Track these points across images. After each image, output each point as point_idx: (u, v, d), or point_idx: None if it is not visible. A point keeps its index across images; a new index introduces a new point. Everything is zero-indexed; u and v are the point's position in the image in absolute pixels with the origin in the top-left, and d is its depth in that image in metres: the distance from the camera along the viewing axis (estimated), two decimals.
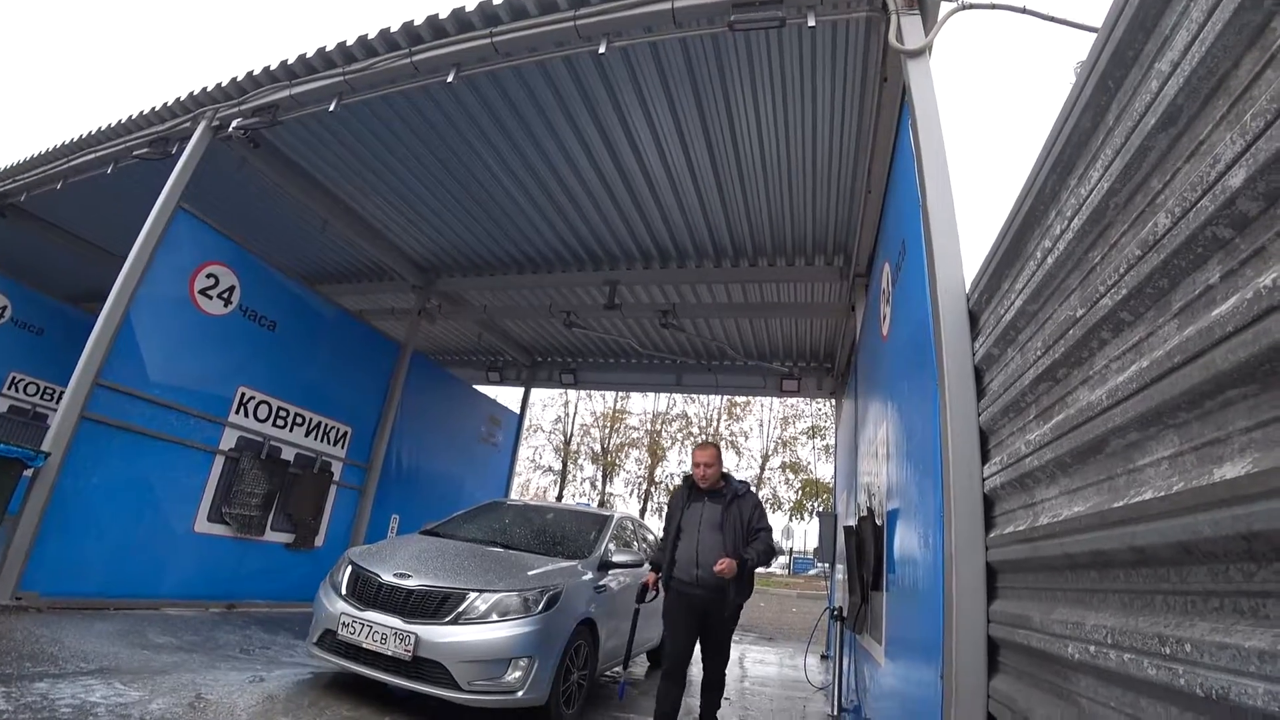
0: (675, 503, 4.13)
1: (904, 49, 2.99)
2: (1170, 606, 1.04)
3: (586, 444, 28.13)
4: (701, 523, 3.86)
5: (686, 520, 3.93)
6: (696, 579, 3.73)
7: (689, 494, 4.05)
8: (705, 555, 3.74)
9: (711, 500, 3.92)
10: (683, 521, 3.94)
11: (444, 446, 9.64)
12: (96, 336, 4.79)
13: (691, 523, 3.91)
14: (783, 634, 11.43)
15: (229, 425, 6.02)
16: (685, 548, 3.84)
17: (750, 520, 3.86)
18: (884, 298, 3.84)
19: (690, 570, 3.76)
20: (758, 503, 4.00)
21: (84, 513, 4.75)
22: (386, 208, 6.80)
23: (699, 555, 3.76)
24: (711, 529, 3.82)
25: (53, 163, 6.86)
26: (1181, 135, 1.09)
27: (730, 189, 5.62)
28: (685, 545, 3.84)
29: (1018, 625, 1.59)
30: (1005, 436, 1.87)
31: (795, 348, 9.17)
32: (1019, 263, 1.82)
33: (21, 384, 9.17)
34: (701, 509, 3.91)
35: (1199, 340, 0.95)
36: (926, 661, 2.05)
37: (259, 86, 5.27)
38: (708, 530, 3.83)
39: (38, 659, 3.28)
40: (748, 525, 3.84)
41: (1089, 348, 1.38)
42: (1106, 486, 1.28)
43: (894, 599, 2.96)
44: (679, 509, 4.03)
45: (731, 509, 3.85)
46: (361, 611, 3.61)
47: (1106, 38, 1.33)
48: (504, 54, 4.22)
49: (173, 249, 5.32)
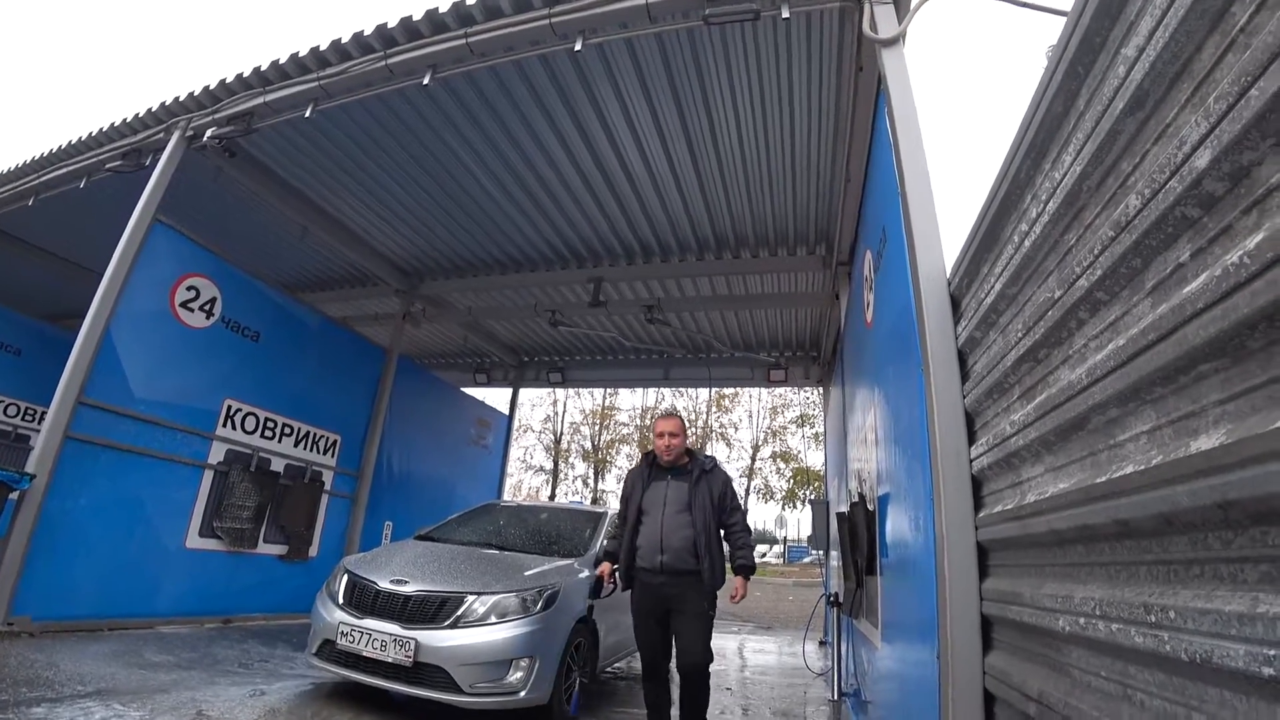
0: (633, 482, 3.68)
1: (878, 38, 3.02)
2: (1154, 576, 1.07)
3: (577, 442, 28.14)
4: (666, 502, 3.48)
5: (648, 501, 3.54)
6: (661, 565, 3.37)
7: (649, 472, 3.64)
8: (671, 539, 3.38)
9: (675, 478, 3.55)
10: (644, 503, 3.55)
11: (434, 451, 9.61)
12: (77, 354, 4.73)
13: (654, 503, 3.51)
14: (780, 622, 11.52)
15: (216, 439, 5.97)
16: (648, 532, 3.46)
17: (722, 498, 3.50)
18: (867, 285, 3.88)
19: (654, 557, 3.40)
20: (728, 479, 3.62)
21: (73, 534, 4.69)
22: (366, 212, 6.75)
23: (664, 539, 3.39)
24: (678, 509, 3.45)
25: (23, 179, 6.73)
26: (1149, 119, 1.12)
27: (710, 182, 5.63)
28: (648, 529, 3.47)
29: (1009, 602, 1.63)
30: (990, 418, 1.90)
31: (781, 338, 9.23)
32: (997, 247, 1.85)
33: (1, 405, 9.02)
34: (665, 488, 3.53)
35: (1172, 317, 0.98)
36: (922, 642, 2.08)
37: (232, 94, 5.21)
38: (673, 511, 3.45)
39: (34, 684, 3.25)
40: (718, 504, 3.48)
41: (1068, 328, 1.41)
42: (1089, 462, 1.32)
43: (888, 582, 3.01)
44: (638, 489, 3.61)
45: (700, 486, 3.48)
46: (360, 619, 3.61)
47: (1075, 24, 1.36)
48: (480, 54, 4.21)
49: (151, 262, 5.25)
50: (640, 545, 3.47)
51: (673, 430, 3.60)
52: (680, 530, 3.39)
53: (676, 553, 3.35)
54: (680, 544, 3.35)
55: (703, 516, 3.40)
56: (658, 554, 3.38)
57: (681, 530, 3.39)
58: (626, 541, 3.52)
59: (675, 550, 3.35)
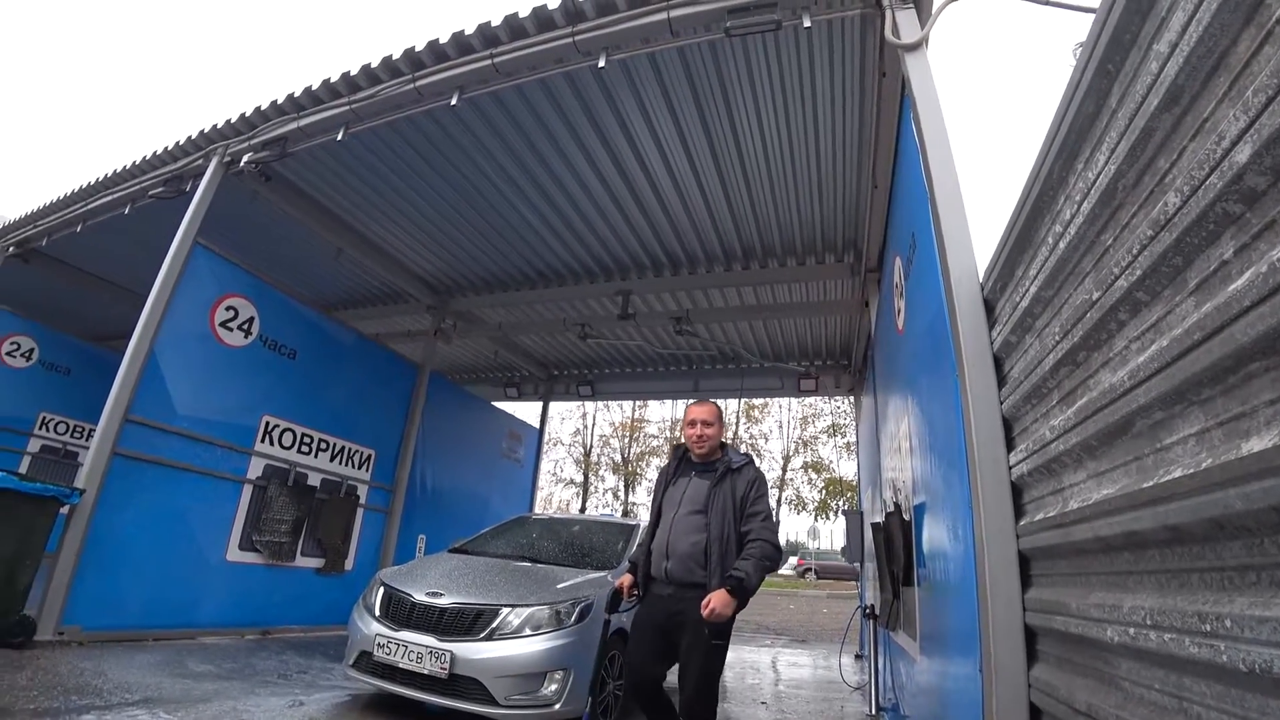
0: (660, 481, 3.23)
1: (900, 43, 3.00)
2: (1207, 583, 1.03)
3: (607, 454, 28.17)
4: (681, 502, 2.98)
5: (668, 500, 3.07)
6: (666, 573, 2.87)
7: (677, 467, 3.18)
8: (678, 543, 2.88)
9: (700, 475, 3.06)
10: (664, 502, 3.08)
11: (466, 464, 9.70)
12: (124, 373, 4.90)
13: (671, 503, 3.04)
14: (815, 635, 11.33)
15: (255, 454, 6.11)
16: (660, 535, 2.99)
17: (745, 498, 2.91)
18: (897, 291, 3.83)
19: (659, 564, 2.91)
20: (757, 477, 3.01)
21: (120, 547, 4.84)
22: (398, 231, 6.90)
23: (670, 544, 2.90)
24: (691, 510, 2.94)
25: (71, 206, 7.04)
26: (1185, 114, 1.10)
27: (736, 192, 5.64)
28: (660, 532, 2.99)
29: (1054, 612, 1.58)
30: (1029, 423, 1.86)
31: (811, 347, 9.14)
32: (1031, 249, 1.82)
33: (52, 423, 9.37)
34: (685, 485, 3.05)
35: (1217, 316, 0.95)
36: (964, 654, 2.03)
37: (267, 120, 5.38)
38: (686, 512, 2.94)
39: (83, 692, 3.35)
40: (740, 505, 2.90)
41: (1107, 330, 1.38)
42: (1135, 467, 1.28)
43: (926, 593, 2.94)
44: (662, 487, 3.17)
45: (722, 485, 2.95)
46: (396, 632, 3.65)
47: (1104, 22, 1.34)
48: (505, 74, 4.28)
49: (192, 284, 5.43)
50: (653, 550, 2.99)
51: (705, 418, 3.11)
52: (690, 535, 2.88)
53: (682, 560, 2.84)
54: (687, 550, 2.84)
55: (720, 521, 2.85)
56: (663, 559, 2.90)
57: (691, 535, 2.88)
58: (645, 546, 3.07)
59: (681, 557, 2.85)
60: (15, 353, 8.97)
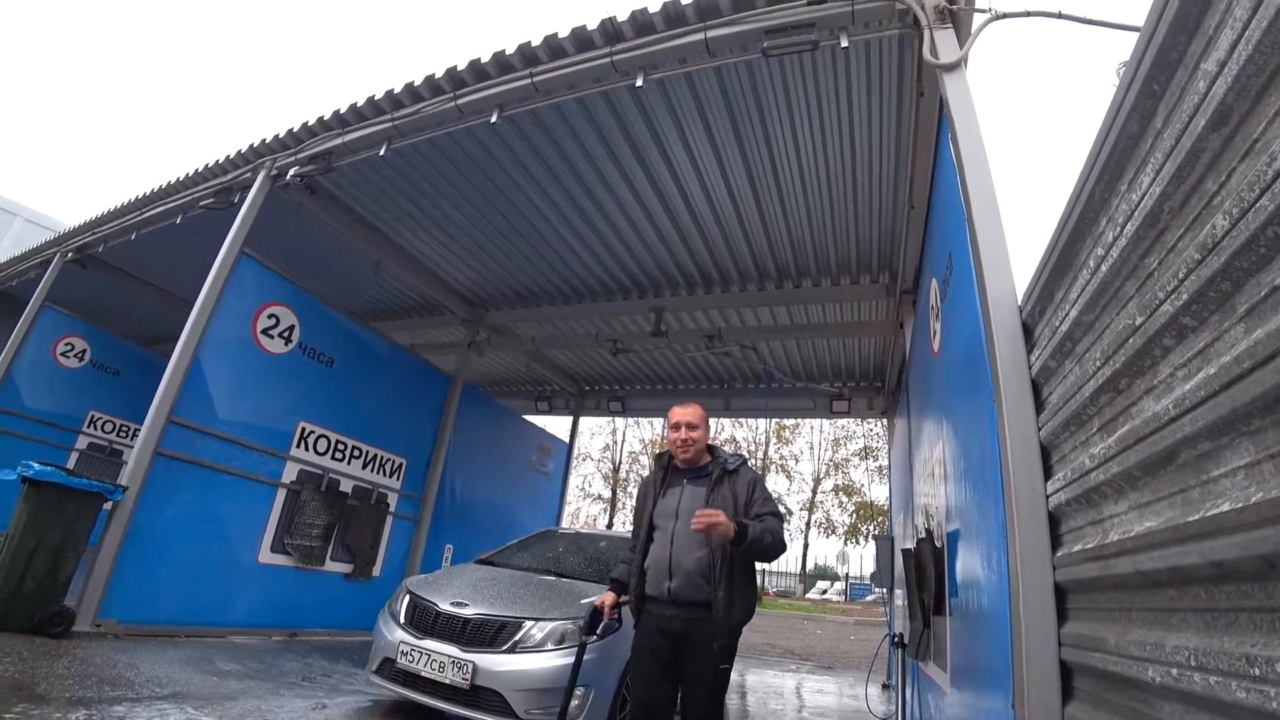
0: (645, 491, 3.00)
1: (939, 63, 2.98)
2: (1256, 625, 0.98)
3: (636, 471, 28.11)
4: (679, 513, 2.77)
5: (660, 513, 2.85)
6: (669, 594, 2.67)
7: (664, 476, 2.96)
8: (682, 559, 2.69)
9: (692, 482, 2.86)
10: (655, 515, 2.86)
11: (495, 476, 9.78)
12: (169, 376, 5.07)
13: (666, 515, 2.82)
14: (841, 662, 11.06)
15: (290, 459, 6.25)
16: (656, 552, 2.78)
17: (748, 503, 2.76)
18: (933, 313, 3.77)
19: (660, 583, 2.70)
20: (756, 479, 2.86)
21: (158, 544, 4.99)
22: (436, 245, 7.04)
23: (673, 561, 2.70)
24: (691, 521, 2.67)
25: (127, 216, 7.37)
26: (1234, 135, 1.06)
27: (771, 211, 5.63)
28: (657, 548, 2.78)
29: (1092, 648, 1.52)
30: (1068, 451, 1.81)
31: (844, 367, 9.03)
32: (1071, 272, 1.77)
33: (100, 422, 9.73)
34: (680, 495, 2.83)
35: (1269, 343, 0.91)
36: (996, 689, 1.96)
37: (313, 136, 5.57)
38: (685, 524, 2.71)
39: (116, 683, 3.44)
40: (744, 510, 2.74)
41: (1151, 356, 1.33)
42: (1180, 499, 1.23)
43: (958, 624, 2.86)
44: (650, 498, 2.94)
45: (720, 489, 2.78)
46: (420, 640, 3.67)
47: (1148, 42, 1.31)
48: (544, 92, 4.36)
49: (237, 292, 5.62)
50: (648, 568, 2.78)
51: (690, 420, 2.89)
52: (693, 549, 2.68)
53: (687, 577, 2.65)
54: (692, 566, 2.65)
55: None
56: (665, 579, 2.69)
57: (694, 550, 2.68)
58: (637, 564, 2.85)
59: (686, 574, 2.65)
60: (69, 353, 9.36)
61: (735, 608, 2.64)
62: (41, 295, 8.49)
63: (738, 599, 2.65)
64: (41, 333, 8.88)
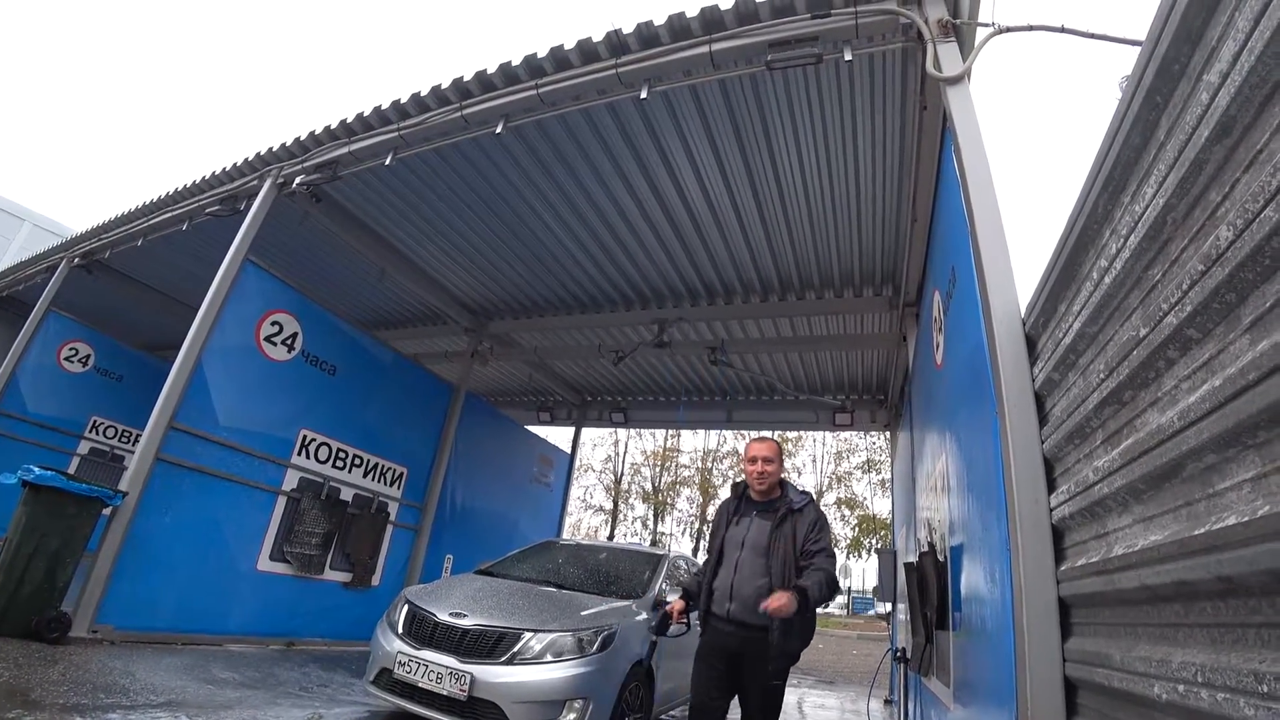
0: (720, 519, 3.34)
1: (942, 76, 2.99)
2: (1264, 640, 0.97)
3: (637, 483, 27.95)
4: (744, 545, 3.09)
5: (730, 540, 3.16)
6: (729, 615, 3.00)
7: (737, 506, 3.28)
8: (742, 587, 3.00)
9: (761, 515, 3.15)
10: (725, 541, 3.19)
11: (497, 486, 9.74)
12: (171, 382, 5.08)
13: (734, 544, 3.14)
14: (843, 677, 10.95)
15: (291, 466, 6.23)
16: (723, 576, 3.10)
17: (805, 540, 3.01)
18: (936, 326, 3.76)
19: (723, 604, 3.03)
20: (819, 518, 3.12)
21: (156, 550, 4.96)
22: (440, 255, 7.06)
23: (734, 587, 3.02)
24: (755, 553, 3.05)
25: (133, 222, 7.40)
26: (1238, 146, 1.06)
27: (774, 222, 5.64)
28: (724, 573, 3.11)
29: (1096, 664, 1.50)
30: (1071, 464, 1.79)
31: (847, 380, 9.01)
32: (1075, 284, 1.77)
33: (101, 427, 9.73)
34: (748, 526, 3.14)
35: (1274, 355, 0.90)
36: (999, 705, 1.94)
37: (320, 145, 5.60)
38: (749, 554, 3.05)
39: (110, 690, 3.41)
40: (802, 547, 2.99)
41: (1155, 368, 1.33)
42: (1185, 513, 1.22)
43: (961, 638, 2.83)
44: (722, 525, 3.27)
45: (784, 527, 3.05)
46: (418, 650, 3.64)
47: (1151, 53, 1.31)
48: (549, 103, 4.39)
49: (240, 299, 5.63)
50: (715, 589, 3.11)
51: (766, 455, 3.16)
52: (753, 579, 2.98)
53: (745, 604, 2.94)
54: (751, 594, 2.93)
55: (780, 566, 2.95)
56: (726, 601, 3.03)
57: (755, 579, 2.98)
58: (706, 582, 3.18)
59: (744, 601, 2.95)
60: (73, 358, 9.38)
61: (792, 637, 2.88)
62: (47, 300, 8.52)
63: (793, 629, 2.87)
64: (46, 337, 8.91)
